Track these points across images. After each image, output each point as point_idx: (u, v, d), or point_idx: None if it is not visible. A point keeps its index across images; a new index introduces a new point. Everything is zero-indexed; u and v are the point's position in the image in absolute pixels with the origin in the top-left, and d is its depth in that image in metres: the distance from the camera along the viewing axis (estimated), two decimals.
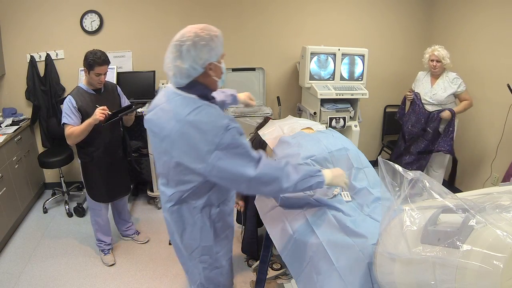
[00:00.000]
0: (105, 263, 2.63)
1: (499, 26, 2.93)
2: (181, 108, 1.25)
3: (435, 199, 0.95)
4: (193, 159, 1.24)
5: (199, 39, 1.21)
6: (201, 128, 1.21)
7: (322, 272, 1.25)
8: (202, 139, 1.20)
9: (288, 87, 3.83)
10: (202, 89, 1.30)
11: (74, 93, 2.29)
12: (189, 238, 1.48)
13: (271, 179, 1.26)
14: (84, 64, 2.24)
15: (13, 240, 2.91)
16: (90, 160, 2.42)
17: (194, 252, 1.51)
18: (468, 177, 3.44)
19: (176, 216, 1.45)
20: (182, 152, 1.26)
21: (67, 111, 2.24)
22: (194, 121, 1.22)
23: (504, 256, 0.72)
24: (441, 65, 2.87)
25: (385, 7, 3.73)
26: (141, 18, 3.44)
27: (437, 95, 2.90)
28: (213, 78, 1.30)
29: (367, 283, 1.15)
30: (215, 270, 1.56)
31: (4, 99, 3.44)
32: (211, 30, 1.24)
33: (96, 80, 2.29)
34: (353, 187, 1.61)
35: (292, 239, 1.44)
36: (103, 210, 2.59)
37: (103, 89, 2.42)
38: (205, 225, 1.46)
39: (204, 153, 1.21)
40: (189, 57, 1.22)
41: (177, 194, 1.40)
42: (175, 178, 1.38)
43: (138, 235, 2.94)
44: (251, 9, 3.56)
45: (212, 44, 1.23)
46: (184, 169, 1.30)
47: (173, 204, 1.43)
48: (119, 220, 2.86)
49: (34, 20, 3.28)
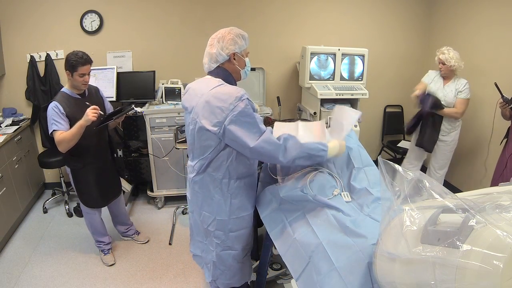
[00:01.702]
0: (105, 263, 2.63)
1: (499, 25, 2.94)
2: (209, 85, 1.55)
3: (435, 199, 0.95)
4: (211, 122, 1.48)
5: (227, 34, 1.56)
6: (220, 97, 1.47)
7: (322, 272, 1.25)
8: (220, 105, 1.46)
9: (288, 87, 3.83)
10: (227, 76, 1.60)
11: (58, 99, 2.19)
12: (207, 210, 1.68)
13: (267, 152, 1.46)
14: (66, 66, 2.16)
15: (13, 240, 2.91)
16: (81, 167, 2.37)
17: (209, 226, 1.70)
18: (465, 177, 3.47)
19: (198, 187, 1.67)
20: (203, 117, 1.51)
21: (55, 117, 2.13)
22: (216, 92, 1.49)
23: (504, 256, 0.72)
24: (447, 68, 2.83)
25: (385, 7, 3.73)
26: (141, 18, 3.44)
27: (447, 97, 2.89)
28: (236, 67, 1.61)
29: (367, 283, 1.15)
30: (227, 251, 1.73)
31: (4, 99, 3.44)
32: (239, 30, 1.59)
33: (81, 81, 2.19)
34: (352, 187, 1.61)
35: (292, 239, 1.44)
36: (96, 214, 2.57)
37: (87, 92, 2.34)
38: (221, 198, 1.64)
39: (220, 116, 1.45)
40: (218, 45, 1.56)
41: (200, 163, 1.62)
42: (198, 145, 1.60)
43: (138, 235, 2.93)
44: (251, 9, 3.56)
45: (237, 39, 1.56)
46: (204, 133, 1.53)
47: (196, 174, 1.66)
48: (117, 222, 2.85)
49: (34, 20, 3.28)
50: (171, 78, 3.45)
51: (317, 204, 1.50)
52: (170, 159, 3.18)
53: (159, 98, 3.38)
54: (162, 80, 3.46)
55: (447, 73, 2.90)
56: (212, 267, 1.77)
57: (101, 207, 2.59)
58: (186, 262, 2.64)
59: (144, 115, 3.11)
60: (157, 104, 3.36)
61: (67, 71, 2.17)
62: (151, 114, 3.12)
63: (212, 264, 1.77)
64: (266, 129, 1.49)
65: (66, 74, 2.18)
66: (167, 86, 3.35)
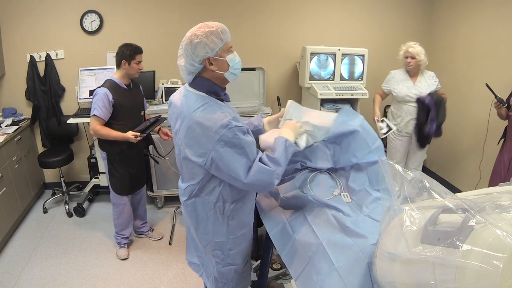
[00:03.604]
0: (118, 256, 2.68)
1: (499, 25, 2.93)
2: (190, 105, 1.33)
3: (435, 199, 0.95)
4: (195, 153, 1.32)
5: (194, 37, 1.29)
6: (203, 124, 1.27)
7: (322, 272, 1.25)
8: (204, 134, 1.27)
9: (288, 87, 3.83)
10: (209, 85, 1.36)
11: (108, 86, 2.33)
12: (203, 233, 1.53)
13: (261, 183, 1.31)
14: (121, 57, 2.32)
15: (13, 240, 2.91)
16: (119, 152, 2.44)
17: (207, 246, 1.56)
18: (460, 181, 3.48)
19: (191, 210, 1.51)
20: (187, 146, 1.34)
21: (100, 103, 2.27)
22: (199, 117, 1.29)
23: (504, 256, 0.72)
24: (416, 62, 2.84)
25: (385, 7, 3.73)
26: (141, 18, 3.44)
27: (422, 93, 2.89)
28: (217, 73, 1.34)
29: (367, 283, 1.15)
30: (228, 267, 1.59)
31: (4, 99, 3.44)
32: (207, 27, 1.30)
33: (137, 69, 2.37)
34: (351, 189, 1.61)
35: (292, 239, 1.44)
36: (127, 204, 2.63)
37: (132, 85, 2.49)
38: (217, 221, 1.49)
39: (204, 148, 1.29)
40: (187, 55, 1.32)
41: (190, 188, 1.47)
42: (185, 171, 1.46)
43: (152, 232, 2.97)
44: (251, 9, 3.56)
45: (207, 40, 1.28)
46: (190, 162, 1.38)
47: (187, 198, 1.50)
48: (135, 216, 2.89)
49: (34, 20, 3.28)
50: (171, 78, 3.45)
51: (317, 204, 1.50)
52: (170, 159, 3.17)
53: (159, 98, 3.38)
54: (162, 80, 3.46)
55: (415, 68, 2.90)
56: (214, 280, 1.66)
57: (128, 195, 2.65)
58: (186, 262, 2.63)
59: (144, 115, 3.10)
60: (157, 104, 3.36)
61: (124, 61, 2.32)
62: (151, 114, 3.11)
63: (213, 278, 1.65)
64: (257, 155, 1.33)
65: (123, 64, 2.34)
66: (167, 86, 3.35)
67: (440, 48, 3.61)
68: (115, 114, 2.35)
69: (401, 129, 3.06)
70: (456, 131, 3.32)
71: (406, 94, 2.92)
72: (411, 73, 2.98)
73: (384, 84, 3.12)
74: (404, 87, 2.94)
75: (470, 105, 3.27)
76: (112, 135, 2.33)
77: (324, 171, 1.67)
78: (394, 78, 3.03)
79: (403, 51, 2.90)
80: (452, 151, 3.49)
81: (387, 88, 3.08)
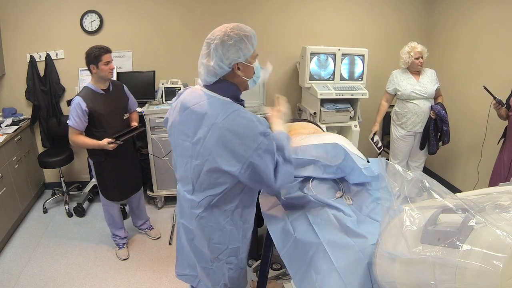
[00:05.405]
0: (118, 257, 2.68)
1: (499, 25, 2.93)
2: (217, 112, 1.24)
3: (435, 199, 0.95)
4: (229, 162, 1.24)
5: (227, 38, 1.22)
6: (238, 133, 1.21)
7: (322, 271, 1.25)
8: (240, 143, 1.21)
9: (288, 87, 3.83)
10: (234, 90, 1.31)
11: (83, 95, 2.28)
12: (217, 242, 1.46)
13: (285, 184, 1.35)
14: (89, 61, 2.25)
15: (13, 240, 2.91)
16: (103, 160, 2.43)
17: (221, 255, 1.49)
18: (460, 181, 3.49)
19: (205, 222, 1.42)
20: (218, 155, 1.25)
21: (73, 113, 2.24)
22: (232, 126, 1.22)
23: (504, 256, 0.72)
24: (423, 60, 2.95)
25: (385, 6, 3.73)
26: (141, 18, 3.44)
27: (427, 88, 2.95)
28: (242, 78, 1.31)
29: (367, 283, 1.15)
30: (239, 271, 1.57)
31: (4, 99, 3.44)
32: (241, 30, 1.25)
33: (107, 70, 2.29)
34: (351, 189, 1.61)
35: (292, 237, 1.44)
36: (115, 206, 2.63)
37: (112, 88, 2.44)
38: (234, 228, 1.45)
39: (240, 157, 1.22)
40: (216, 55, 1.23)
41: (208, 199, 1.37)
42: (205, 182, 1.35)
43: (150, 231, 2.98)
44: (251, 9, 3.56)
45: (241, 44, 1.24)
46: (218, 172, 1.29)
47: (203, 210, 1.40)
48: (133, 215, 2.91)
49: (34, 20, 3.28)
50: (171, 78, 3.45)
51: (318, 204, 1.50)
52: (170, 159, 3.17)
53: (159, 98, 3.39)
54: (162, 80, 3.46)
55: (421, 67, 2.97)
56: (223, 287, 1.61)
57: (120, 201, 2.64)
58: None
59: (144, 115, 3.11)
60: (157, 104, 3.36)
61: (91, 65, 2.26)
62: (151, 114, 3.13)
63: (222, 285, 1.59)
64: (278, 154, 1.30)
65: (91, 68, 2.27)
66: (167, 86, 3.35)
67: (440, 48, 3.61)
68: (92, 121, 2.30)
69: (406, 129, 3.08)
70: (456, 131, 3.32)
71: (412, 91, 2.96)
72: (414, 72, 3.00)
73: (388, 85, 3.14)
74: (408, 85, 2.99)
75: (470, 105, 3.27)
76: (88, 144, 2.30)
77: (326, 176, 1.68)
78: (397, 77, 3.06)
79: (412, 52, 2.93)
80: (452, 151, 3.49)
81: (391, 88, 3.10)
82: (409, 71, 3.03)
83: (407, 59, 2.96)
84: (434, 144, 3.04)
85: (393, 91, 3.09)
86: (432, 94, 2.98)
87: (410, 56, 2.93)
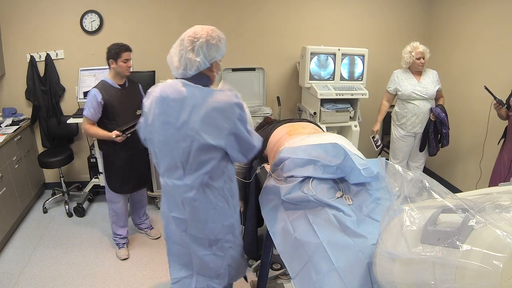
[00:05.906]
0: (118, 257, 2.68)
1: (499, 25, 2.93)
2: (196, 94, 1.42)
3: (435, 199, 0.95)
4: (216, 137, 1.42)
5: (211, 38, 1.41)
6: (220, 108, 1.40)
7: (322, 271, 1.25)
8: (222, 117, 1.40)
9: (288, 87, 3.83)
10: (206, 81, 1.50)
11: (99, 87, 2.36)
12: (212, 221, 1.58)
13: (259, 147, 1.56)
14: (109, 56, 2.35)
15: (13, 240, 2.91)
16: (112, 151, 2.47)
17: (219, 234, 1.61)
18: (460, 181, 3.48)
19: (199, 204, 1.54)
20: (205, 133, 1.41)
21: (89, 104, 2.33)
22: (212, 103, 1.39)
23: (504, 256, 0.72)
24: (425, 61, 2.94)
25: (385, 6, 3.73)
26: (141, 18, 3.44)
27: (428, 89, 2.94)
28: (214, 74, 1.52)
29: (366, 283, 1.15)
30: (238, 248, 1.70)
31: (4, 99, 3.44)
32: (219, 33, 1.46)
33: (124, 67, 2.38)
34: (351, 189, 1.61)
35: (292, 238, 1.44)
36: (121, 202, 2.64)
37: (128, 84, 2.51)
38: (226, 204, 1.59)
39: (224, 130, 1.41)
40: (201, 52, 1.41)
41: (199, 179, 1.50)
42: (195, 162, 1.47)
43: (150, 230, 2.99)
44: (251, 9, 3.56)
45: (220, 45, 1.45)
46: (206, 149, 1.44)
47: (196, 191, 1.51)
48: (133, 212, 2.92)
49: (34, 20, 3.28)
50: (171, 78, 3.44)
51: (317, 204, 1.50)
52: None
53: None
54: (162, 80, 3.45)
55: (422, 67, 2.97)
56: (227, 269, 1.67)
57: (125, 193, 2.67)
58: None
59: None
60: None
61: (110, 59, 2.36)
62: None
63: (227, 267, 1.66)
64: None
65: (110, 63, 2.37)
66: None
67: (440, 48, 3.61)
68: (106, 113, 2.39)
69: (406, 130, 3.08)
70: (456, 131, 3.32)
71: (412, 91, 2.96)
72: (415, 72, 3.00)
73: (389, 85, 3.14)
74: (409, 85, 2.98)
75: (470, 105, 3.27)
76: (99, 134, 2.39)
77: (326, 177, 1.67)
78: (398, 77, 3.06)
79: (414, 52, 2.92)
80: (452, 151, 3.49)
81: (392, 88, 3.10)
82: (410, 71, 3.03)
83: (408, 59, 2.95)
84: (434, 146, 3.04)
85: (394, 91, 3.09)
86: (433, 95, 2.97)
87: (411, 56, 2.93)
